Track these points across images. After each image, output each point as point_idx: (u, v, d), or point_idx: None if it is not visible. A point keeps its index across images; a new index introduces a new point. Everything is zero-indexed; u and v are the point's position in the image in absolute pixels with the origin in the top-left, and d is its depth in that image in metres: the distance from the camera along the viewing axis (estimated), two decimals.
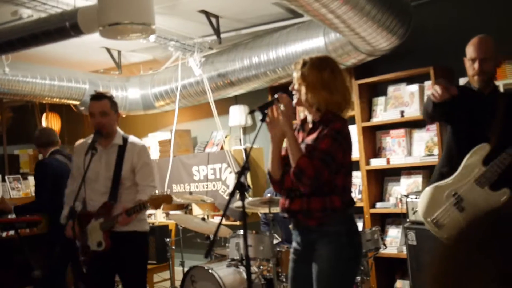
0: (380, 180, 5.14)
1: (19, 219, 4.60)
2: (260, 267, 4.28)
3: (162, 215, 6.57)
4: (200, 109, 6.52)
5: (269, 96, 5.70)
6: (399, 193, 4.90)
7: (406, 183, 4.90)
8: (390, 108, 4.99)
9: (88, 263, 3.47)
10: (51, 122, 7.39)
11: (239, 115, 6.06)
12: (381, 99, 5.08)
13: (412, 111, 4.76)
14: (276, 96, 2.70)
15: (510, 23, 4.41)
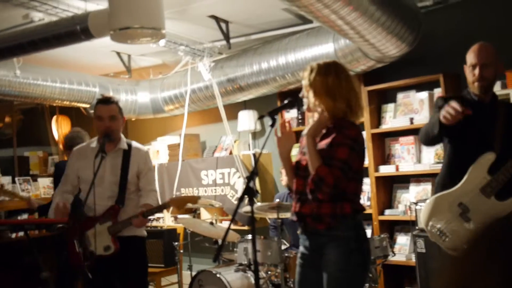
0: (389, 187, 5.13)
1: (28, 220, 4.62)
2: (268, 273, 4.28)
3: (170, 219, 6.58)
4: (209, 114, 6.54)
5: (278, 101, 5.71)
6: (408, 200, 4.88)
7: (415, 191, 4.89)
8: (399, 115, 4.98)
9: (91, 269, 3.35)
10: (61, 125, 7.43)
11: (248, 120, 6.07)
12: (391, 106, 5.07)
13: (421, 118, 4.75)
14: (286, 101, 2.72)
15: None
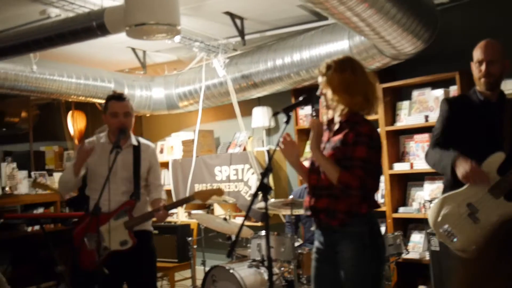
0: (403, 184, 5.11)
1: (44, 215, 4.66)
2: (281, 269, 4.29)
3: (184, 214, 6.62)
4: (223, 110, 6.55)
5: (292, 98, 5.70)
6: (422, 198, 4.86)
7: (429, 188, 4.86)
8: (414, 112, 4.95)
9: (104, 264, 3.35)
10: (76, 120, 7.49)
11: (262, 116, 6.07)
12: (405, 103, 5.04)
13: (436, 116, 4.69)
14: (300, 98, 2.74)
15: None
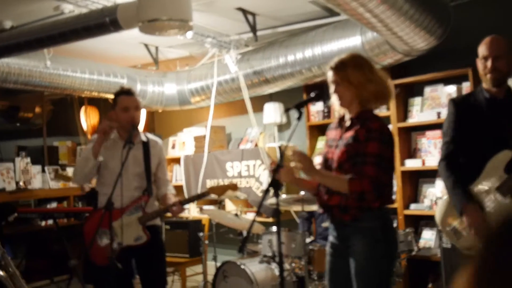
0: (414, 181, 5.09)
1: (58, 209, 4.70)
2: (292, 265, 4.29)
3: (195, 210, 6.65)
4: (235, 106, 6.56)
5: (304, 94, 5.70)
6: (434, 195, 4.85)
7: (441, 185, 4.83)
8: (426, 109, 4.93)
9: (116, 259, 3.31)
10: (89, 115, 7.54)
11: (273, 112, 6.08)
12: (418, 100, 5.02)
13: None
14: (312, 95, 2.74)
15: None
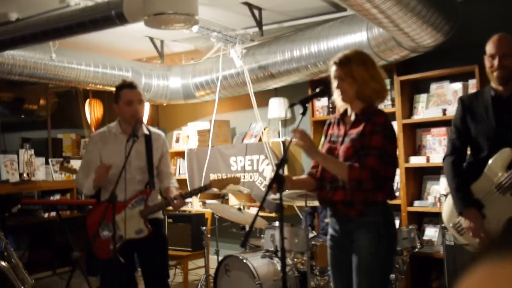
0: (419, 178, 5.08)
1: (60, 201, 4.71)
2: (294, 260, 4.30)
3: (198, 204, 6.65)
4: (239, 100, 6.55)
5: (309, 89, 5.69)
6: (438, 192, 4.83)
7: (445, 182, 4.81)
8: (432, 105, 4.91)
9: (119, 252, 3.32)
10: (93, 108, 7.55)
11: (278, 107, 6.07)
12: (423, 96, 5.00)
13: (454, 110, 4.66)
14: (317, 90, 2.76)
15: None
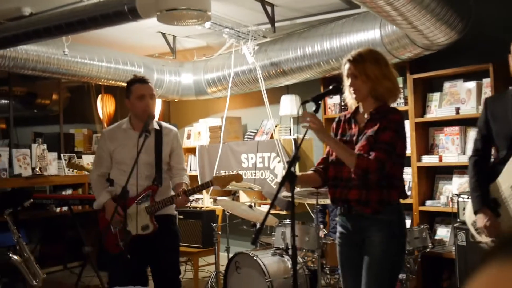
0: (431, 177, 5.04)
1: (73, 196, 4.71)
2: (304, 258, 4.29)
3: (209, 200, 6.66)
4: (251, 97, 6.54)
5: (321, 87, 5.67)
6: (450, 192, 4.80)
7: (458, 182, 4.79)
8: (445, 104, 4.87)
9: (126, 249, 3.28)
10: (105, 103, 7.57)
11: (290, 104, 6.05)
12: (436, 95, 4.96)
13: (468, 109, 4.64)
14: (330, 87, 2.75)
15: None
